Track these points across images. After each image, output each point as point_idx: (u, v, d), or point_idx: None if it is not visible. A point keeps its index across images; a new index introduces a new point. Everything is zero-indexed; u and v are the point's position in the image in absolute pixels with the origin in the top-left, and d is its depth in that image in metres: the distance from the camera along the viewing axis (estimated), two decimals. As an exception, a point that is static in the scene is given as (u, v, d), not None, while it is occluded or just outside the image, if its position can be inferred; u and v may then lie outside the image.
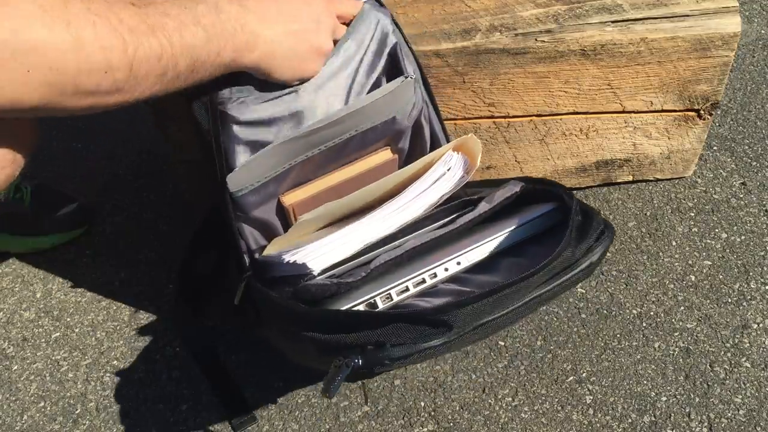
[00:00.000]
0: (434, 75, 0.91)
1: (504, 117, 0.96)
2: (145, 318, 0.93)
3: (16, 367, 0.89)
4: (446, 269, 0.68)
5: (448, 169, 0.75)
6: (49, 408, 0.85)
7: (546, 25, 0.90)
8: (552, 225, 0.73)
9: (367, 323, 0.59)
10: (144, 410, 0.84)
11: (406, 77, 0.76)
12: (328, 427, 0.82)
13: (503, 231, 0.71)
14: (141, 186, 1.10)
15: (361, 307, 0.65)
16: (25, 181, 1.01)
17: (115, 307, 0.94)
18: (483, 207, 0.74)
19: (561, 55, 0.90)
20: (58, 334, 0.92)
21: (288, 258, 0.68)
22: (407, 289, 0.67)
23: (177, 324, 0.92)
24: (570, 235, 0.65)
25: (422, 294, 0.68)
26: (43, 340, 0.91)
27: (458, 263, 0.69)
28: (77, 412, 0.84)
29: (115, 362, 0.89)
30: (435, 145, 0.83)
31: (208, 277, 0.90)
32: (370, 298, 0.65)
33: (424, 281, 0.67)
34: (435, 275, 0.68)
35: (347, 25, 0.73)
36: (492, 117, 0.96)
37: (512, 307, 0.62)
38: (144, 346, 0.90)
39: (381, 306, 0.65)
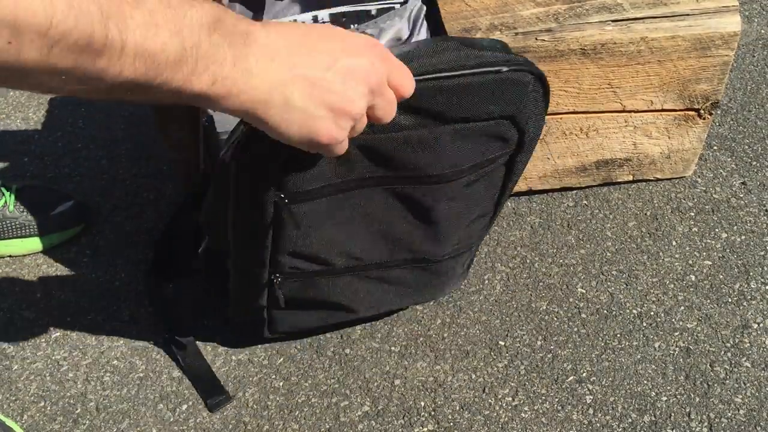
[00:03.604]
0: (434, 75, 0.90)
1: (504, 117, 0.96)
2: (145, 318, 0.93)
3: (16, 367, 0.89)
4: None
5: None
6: (49, 408, 0.85)
7: (546, 24, 0.90)
8: None
9: None
10: (144, 410, 0.84)
11: None
12: (328, 427, 0.82)
13: None
14: (141, 186, 1.10)
15: None
16: (10, 182, 1.00)
17: (115, 307, 0.94)
18: None
19: (561, 55, 0.90)
20: (58, 334, 0.92)
21: None
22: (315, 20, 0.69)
23: (149, 290, 0.93)
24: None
25: None
26: (43, 340, 0.91)
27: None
28: (77, 412, 0.84)
29: (115, 362, 0.89)
30: None
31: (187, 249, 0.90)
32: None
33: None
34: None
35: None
36: (492, 117, 0.96)
37: (420, 78, 0.59)
38: (144, 346, 0.90)
39: None
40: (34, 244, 1.00)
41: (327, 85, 0.49)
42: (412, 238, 0.74)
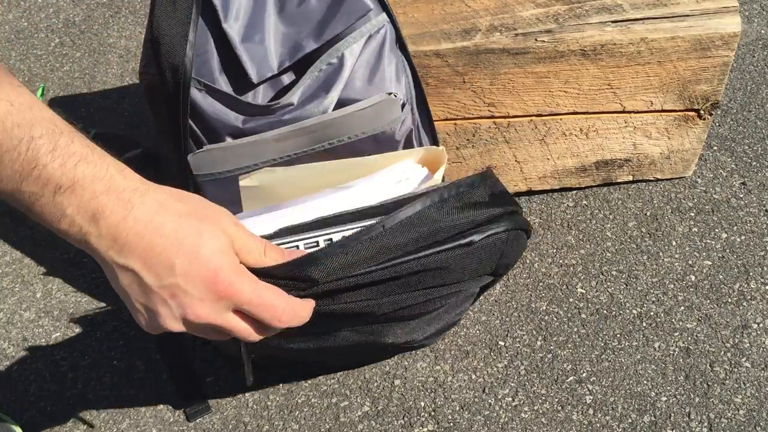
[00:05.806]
0: (434, 75, 0.91)
1: (504, 117, 0.96)
2: (145, 318, 0.93)
3: (16, 367, 0.89)
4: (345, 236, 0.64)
5: (407, 179, 0.71)
6: (49, 408, 0.85)
7: (546, 25, 0.90)
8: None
9: None
10: (144, 410, 0.84)
11: (390, 94, 0.73)
12: (328, 427, 0.82)
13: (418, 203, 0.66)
14: (141, 186, 1.10)
15: None
16: None
17: (115, 308, 0.94)
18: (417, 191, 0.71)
19: (561, 55, 0.90)
20: (58, 334, 0.92)
21: None
22: (297, 248, 0.61)
23: None
24: (450, 192, 0.58)
25: None
26: (43, 340, 0.91)
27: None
28: (77, 412, 0.84)
29: (115, 362, 0.89)
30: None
31: None
32: None
33: (317, 244, 0.61)
34: (331, 240, 0.62)
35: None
36: (492, 117, 0.96)
37: (385, 266, 0.56)
38: (144, 346, 0.90)
39: None
40: None
41: (153, 298, 0.47)
42: (372, 348, 0.74)
